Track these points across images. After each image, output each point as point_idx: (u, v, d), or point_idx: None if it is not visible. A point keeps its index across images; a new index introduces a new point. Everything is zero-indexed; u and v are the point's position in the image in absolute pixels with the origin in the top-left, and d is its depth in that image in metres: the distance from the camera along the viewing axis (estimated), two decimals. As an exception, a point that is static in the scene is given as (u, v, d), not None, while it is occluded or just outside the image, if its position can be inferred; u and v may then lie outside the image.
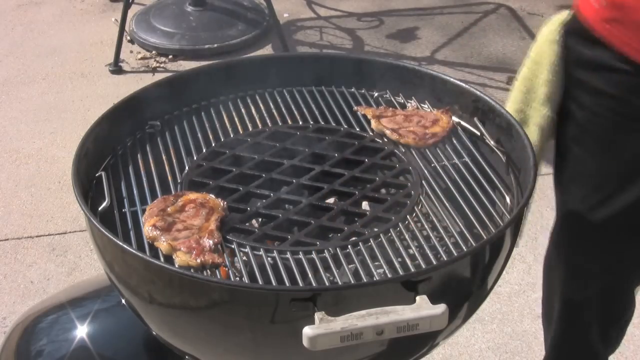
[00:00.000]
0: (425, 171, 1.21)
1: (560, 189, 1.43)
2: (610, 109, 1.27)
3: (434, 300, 0.91)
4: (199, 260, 1.01)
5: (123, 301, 1.12)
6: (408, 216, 1.11)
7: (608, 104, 1.27)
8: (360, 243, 1.06)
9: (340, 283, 1.02)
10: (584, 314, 1.50)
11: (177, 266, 1.01)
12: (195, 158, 1.24)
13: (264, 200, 1.14)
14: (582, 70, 1.30)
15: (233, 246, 1.06)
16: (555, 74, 1.33)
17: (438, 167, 1.22)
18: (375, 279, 1.00)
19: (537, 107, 1.36)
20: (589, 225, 1.36)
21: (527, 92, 1.37)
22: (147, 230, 1.07)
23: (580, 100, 1.32)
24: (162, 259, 1.03)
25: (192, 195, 1.12)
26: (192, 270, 1.00)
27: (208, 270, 1.03)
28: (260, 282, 1.01)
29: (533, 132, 1.36)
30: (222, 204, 1.11)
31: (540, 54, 1.34)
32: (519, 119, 1.35)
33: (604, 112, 1.28)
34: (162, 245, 1.04)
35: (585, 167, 1.35)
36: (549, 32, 1.33)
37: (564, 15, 1.32)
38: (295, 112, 1.35)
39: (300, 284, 0.99)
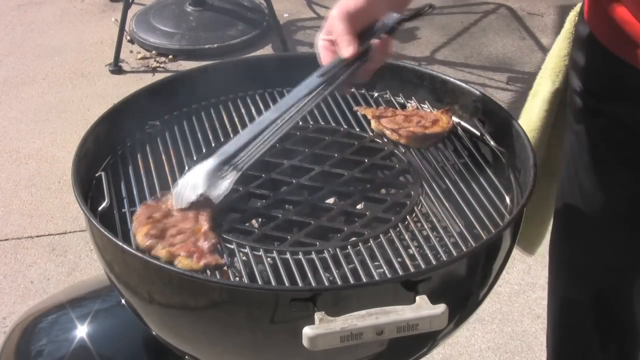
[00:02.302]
0: (425, 171, 1.21)
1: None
2: (582, 85, 1.25)
3: (434, 300, 0.91)
4: (202, 264, 1.01)
5: (123, 301, 1.12)
6: (408, 216, 1.11)
7: (580, 80, 1.25)
8: (359, 243, 1.06)
9: (340, 283, 1.02)
10: (583, 319, 1.49)
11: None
12: (195, 158, 1.24)
13: (264, 200, 1.14)
14: (574, 45, 1.29)
15: (233, 246, 1.06)
16: (563, 49, 1.32)
17: (438, 167, 1.22)
18: (375, 279, 1.00)
19: (544, 82, 1.36)
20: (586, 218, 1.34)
21: (544, 67, 1.38)
22: (141, 239, 1.04)
23: (569, 77, 1.31)
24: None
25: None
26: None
27: (208, 271, 1.03)
28: (260, 283, 1.01)
29: (536, 106, 1.36)
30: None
31: (562, 31, 1.34)
32: (534, 92, 1.37)
33: (577, 88, 1.26)
34: (161, 252, 1.02)
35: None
36: (573, 10, 1.32)
37: None
38: (295, 112, 1.34)
39: (300, 284, 0.99)
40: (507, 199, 1.17)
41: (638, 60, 1.12)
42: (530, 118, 1.38)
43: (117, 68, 3.42)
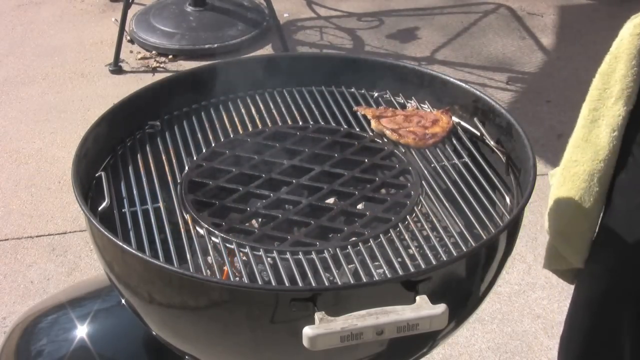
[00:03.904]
0: (425, 171, 1.21)
1: (615, 194, 1.31)
2: None
3: (434, 300, 0.91)
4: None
5: (123, 301, 1.12)
6: (408, 216, 1.11)
7: None
8: (360, 243, 1.06)
9: (340, 283, 1.02)
10: (618, 331, 1.40)
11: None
12: (195, 158, 1.24)
13: (264, 200, 1.14)
14: None
15: (233, 246, 1.06)
16: (632, 68, 1.23)
17: (438, 168, 1.22)
18: (375, 279, 1.00)
19: (610, 105, 1.24)
20: (631, 238, 1.27)
21: (604, 89, 1.26)
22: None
23: None
24: (162, 258, 1.03)
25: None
26: (192, 270, 1.01)
27: (208, 271, 1.03)
28: (260, 283, 1.01)
29: (604, 133, 1.25)
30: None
31: (620, 49, 1.24)
32: (592, 118, 1.26)
33: None
34: None
35: None
36: (633, 25, 1.22)
37: None
38: (295, 112, 1.35)
39: (300, 284, 0.99)
40: (507, 199, 1.17)
41: None
42: (598, 147, 1.26)
43: (117, 68, 3.41)
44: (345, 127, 1.31)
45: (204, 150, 1.25)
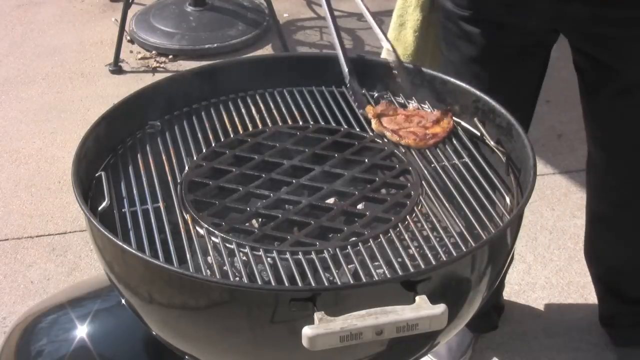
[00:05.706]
0: (425, 171, 1.21)
1: None
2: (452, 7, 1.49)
3: (434, 300, 0.91)
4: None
5: (123, 301, 1.12)
6: (408, 217, 1.11)
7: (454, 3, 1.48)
8: (359, 243, 1.06)
9: (339, 283, 1.02)
10: None
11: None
12: (195, 158, 1.24)
13: (264, 200, 1.14)
14: None
15: (233, 246, 1.06)
16: None
17: (438, 168, 1.22)
18: (374, 279, 1.00)
19: (411, 11, 1.60)
20: None
21: None
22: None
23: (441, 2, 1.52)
24: (162, 258, 1.03)
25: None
26: (192, 270, 1.01)
27: (208, 271, 1.03)
28: (260, 283, 1.01)
29: (409, 35, 1.61)
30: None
31: None
32: (399, 23, 1.62)
33: (450, 10, 1.49)
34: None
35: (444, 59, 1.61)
36: None
37: None
38: (295, 112, 1.35)
39: (300, 284, 0.99)
40: (507, 199, 1.17)
41: None
42: (406, 46, 1.63)
43: (117, 68, 3.41)
44: (345, 127, 1.31)
45: (204, 150, 1.25)
